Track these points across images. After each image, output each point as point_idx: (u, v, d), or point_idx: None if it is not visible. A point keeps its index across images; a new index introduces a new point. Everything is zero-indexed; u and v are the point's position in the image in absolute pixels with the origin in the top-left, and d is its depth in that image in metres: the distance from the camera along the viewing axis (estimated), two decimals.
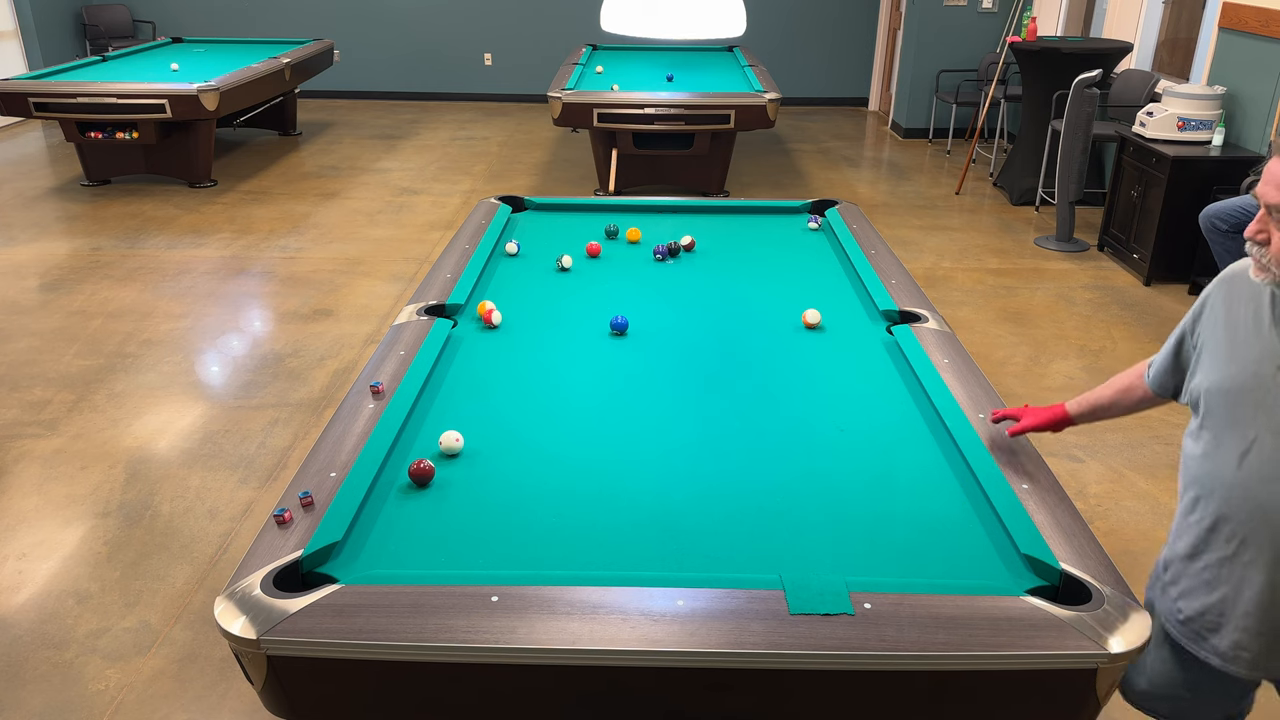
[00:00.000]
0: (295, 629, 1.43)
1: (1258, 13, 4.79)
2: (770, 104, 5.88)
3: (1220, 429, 1.49)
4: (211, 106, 6.09)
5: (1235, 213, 4.07)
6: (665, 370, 2.33)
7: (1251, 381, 1.43)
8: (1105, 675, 1.43)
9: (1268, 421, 1.42)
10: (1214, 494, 1.51)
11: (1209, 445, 1.51)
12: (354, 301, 4.75)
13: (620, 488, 1.84)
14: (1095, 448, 3.51)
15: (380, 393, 2.12)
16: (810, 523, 1.74)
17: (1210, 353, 1.52)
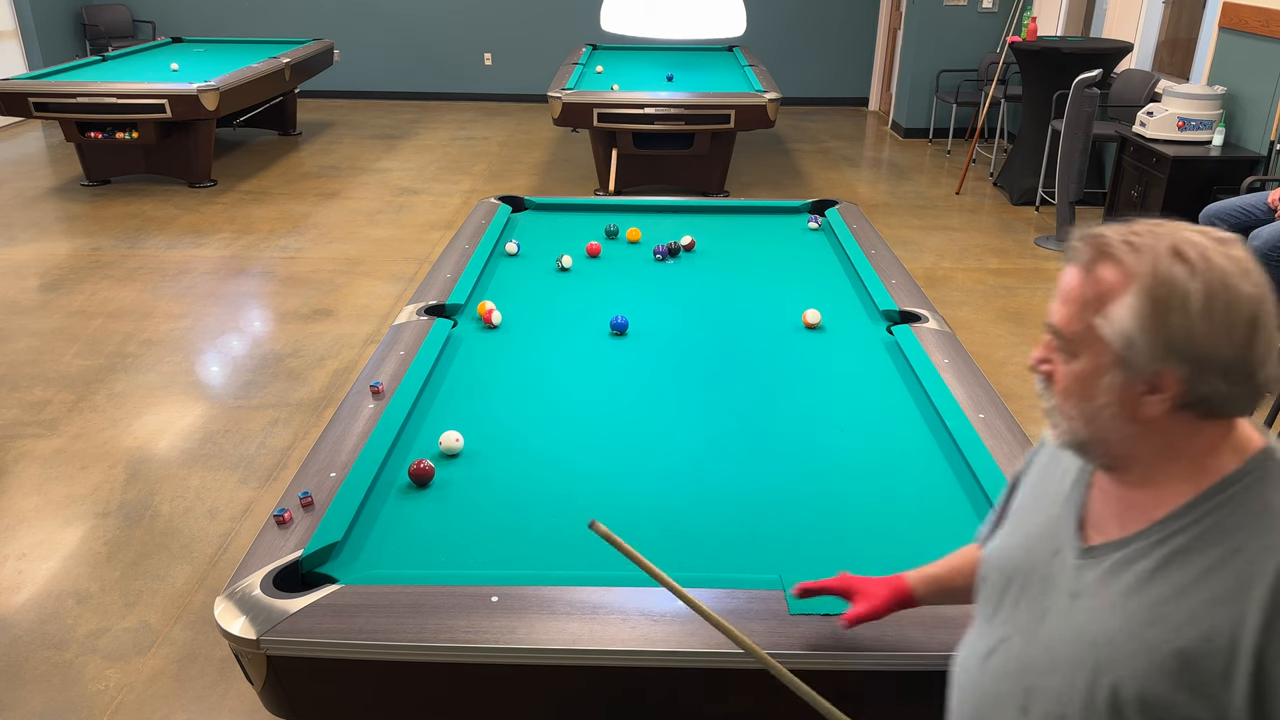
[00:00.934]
0: (295, 629, 1.43)
1: (1258, 12, 4.79)
2: (770, 104, 5.88)
3: (982, 612, 1.15)
4: (211, 106, 6.09)
5: (1235, 213, 4.07)
6: (665, 370, 2.33)
7: (1024, 564, 1.08)
8: None
9: (1025, 619, 1.05)
10: (955, 686, 1.20)
11: (970, 628, 1.19)
12: (354, 301, 4.75)
13: (620, 488, 1.84)
14: None
15: (380, 393, 2.12)
16: (810, 523, 1.74)
17: (1012, 516, 1.18)
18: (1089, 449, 0.98)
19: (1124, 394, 0.92)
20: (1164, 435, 0.94)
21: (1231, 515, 0.92)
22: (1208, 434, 0.94)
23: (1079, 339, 0.95)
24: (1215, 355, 0.88)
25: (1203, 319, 0.88)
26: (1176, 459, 0.95)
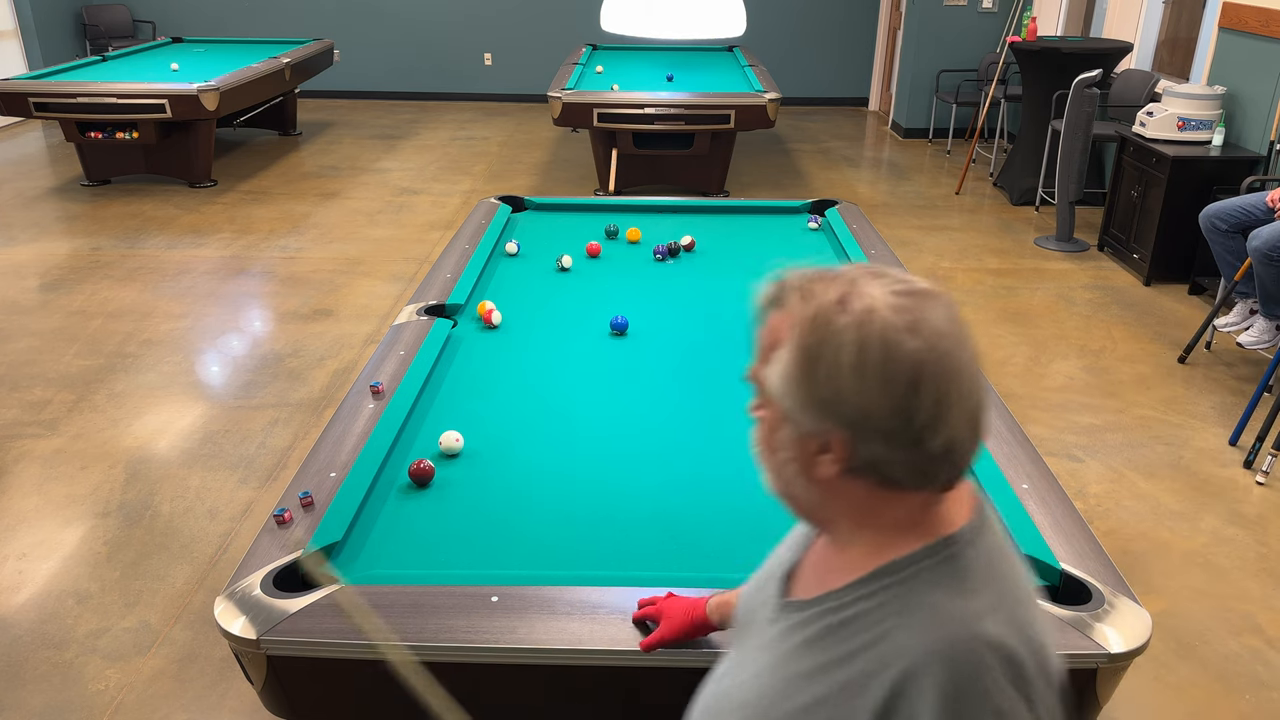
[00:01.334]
0: (295, 629, 1.43)
1: (1258, 12, 4.79)
2: (770, 104, 5.88)
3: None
4: (211, 106, 6.09)
5: (1236, 213, 4.07)
6: (665, 370, 2.33)
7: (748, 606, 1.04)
8: (1105, 675, 1.43)
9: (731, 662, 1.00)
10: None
11: None
12: (354, 301, 4.75)
13: (620, 488, 1.84)
14: (1095, 448, 3.51)
15: (380, 393, 2.12)
16: None
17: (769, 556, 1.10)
18: (785, 503, 0.91)
19: (799, 451, 0.85)
20: (846, 500, 0.86)
21: (890, 602, 0.83)
22: (903, 505, 0.85)
23: (760, 389, 0.88)
24: (870, 417, 0.79)
25: (853, 376, 0.79)
26: (864, 527, 0.87)
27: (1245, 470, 3.37)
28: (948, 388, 0.79)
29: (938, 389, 0.79)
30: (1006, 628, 0.80)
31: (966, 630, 0.79)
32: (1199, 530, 3.05)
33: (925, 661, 0.77)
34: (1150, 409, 3.79)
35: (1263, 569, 2.88)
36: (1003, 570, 0.86)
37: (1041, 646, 0.83)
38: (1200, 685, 2.45)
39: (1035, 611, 0.85)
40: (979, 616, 0.80)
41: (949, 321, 0.81)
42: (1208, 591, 2.78)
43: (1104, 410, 3.78)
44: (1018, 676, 0.78)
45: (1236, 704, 2.39)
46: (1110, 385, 3.98)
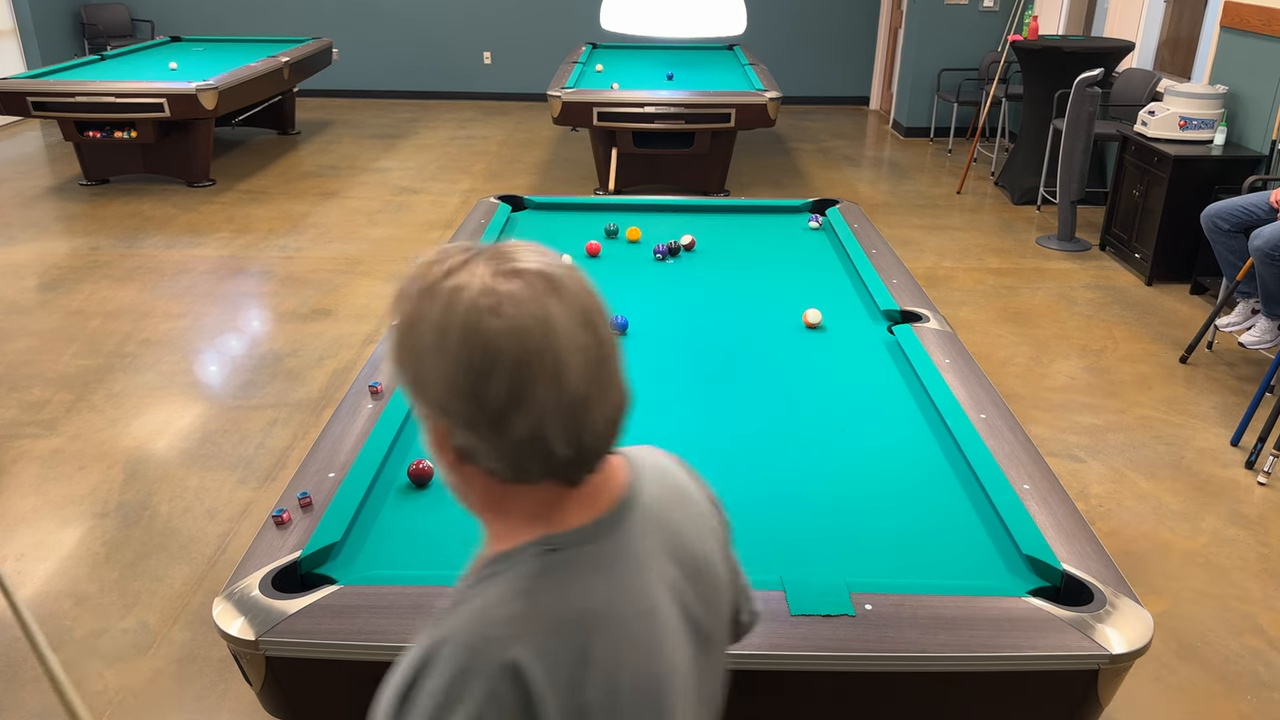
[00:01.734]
0: (294, 630, 1.42)
1: (1259, 12, 4.78)
2: (771, 103, 5.87)
3: None
4: (210, 106, 6.08)
5: (1237, 212, 4.06)
6: (665, 370, 2.32)
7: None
8: (1107, 676, 1.42)
9: None
10: None
11: None
12: (353, 301, 4.74)
13: None
14: (1097, 448, 3.50)
15: (379, 393, 2.11)
16: (811, 523, 1.73)
17: None
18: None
19: (429, 439, 0.82)
20: (476, 490, 0.84)
21: (476, 592, 0.81)
22: (522, 497, 0.83)
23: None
24: (451, 400, 0.76)
25: (434, 356, 0.76)
26: (495, 516, 0.85)
27: (1247, 471, 3.37)
28: (529, 375, 0.75)
29: (516, 375, 0.75)
30: (530, 644, 0.76)
31: (482, 635, 0.76)
32: (1200, 531, 3.04)
33: (435, 650, 0.76)
34: (1152, 409, 3.78)
35: (1264, 569, 2.87)
36: (594, 586, 0.81)
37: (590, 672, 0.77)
38: (1201, 686, 2.44)
39: (616, 633, 0.80)
40: (508, 623, 0.77)
41: (557, 307, 0.76)
42: (1209, 592, 2.77)
43: (1105, 410, 3.77)
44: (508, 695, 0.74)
45: (1238, 705, 2.38)
46: (1112, 385, 3.98)
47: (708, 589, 0.92)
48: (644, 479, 0.92)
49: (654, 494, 0.91)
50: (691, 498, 0.96)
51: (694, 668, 0.88)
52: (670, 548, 0.89)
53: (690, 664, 0.87)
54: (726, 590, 0.96)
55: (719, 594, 0.94)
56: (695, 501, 0.97)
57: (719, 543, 0.97)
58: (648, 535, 0.87)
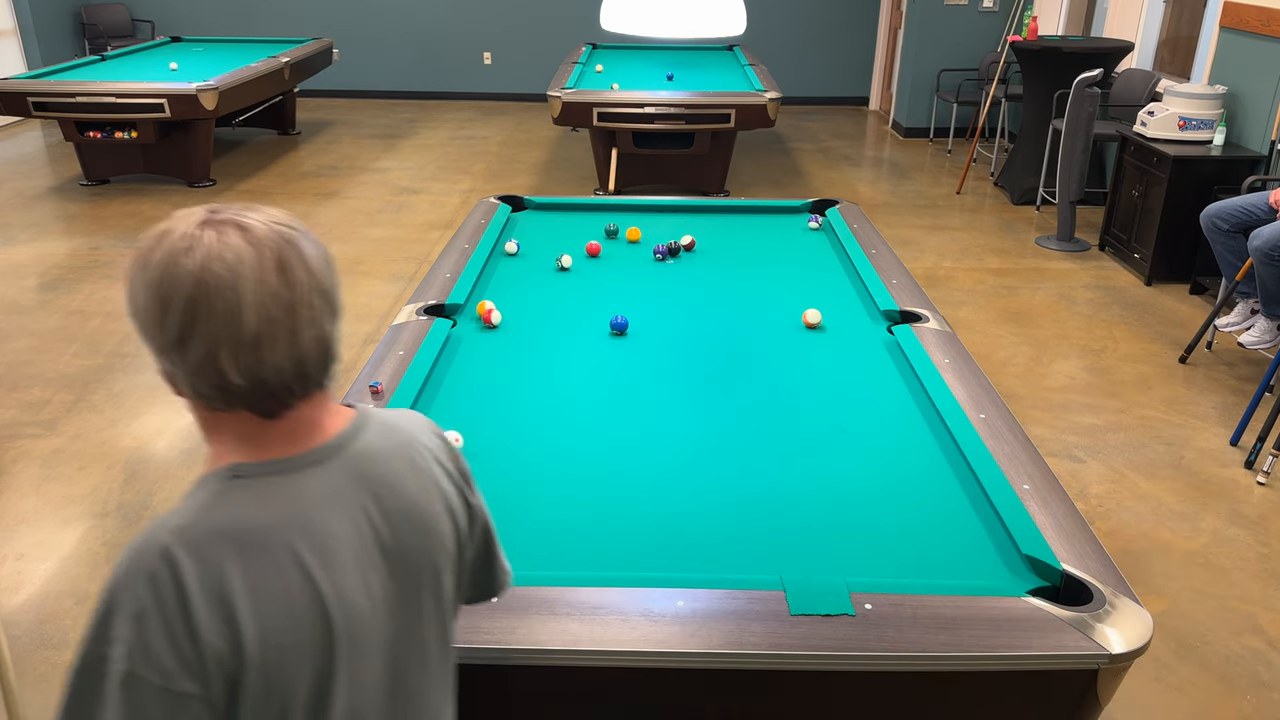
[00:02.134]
0: None
1: (1259, 12, 4.78)
2: (770, 103, 5.87)
3: None
4: (210, 106, 6.09)
5: (1236, 212, 4.07)
6: (665, 370, 2.32)
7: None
8: (1106, 676, 1.43)
9: None
10: None
11: None
12: (353, 301, 4.74)
13: (620, 488, 1.83)
14: (1096, 448, 3.51)
15: (379, 392, 2.12)
16: (811, 523, 1.73)
17: None
18: None
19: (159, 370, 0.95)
20: (194, 417, 0.97)
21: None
22: (224, 426, 0.95)
23: None
24: (149, 329, 0.90)
25: (139, 290, 0.90)
26: (210, 442, 0.98)
27: (1246, 470, 3.37)
28: (204, 306, 0.87)
29: (191, 304, 0.87)
30: (186, 548, 0.88)
31: (152, 535, 0.89)
32: (1200, 531, 3.05)
33: (127, 556, 0.89)
34: (1151, 409, 3.79)
35: (1264, 569, 2.87)
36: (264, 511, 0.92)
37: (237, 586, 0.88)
38: (1201, 686, 2.44)
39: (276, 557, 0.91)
40: (173, 530, 0.89)
41: (248, 253, 0.89)
42: (1209, 592, 2.78)
43: (1105, 410, 3.77)
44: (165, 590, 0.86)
45: (1237, 704, 2.38)
46: (1111, 385, 3.98)
47: (419, 538, 1.02)
48: (365, 431, 1.03)
49: (372, 445, 1.02)
50: (419, 458, 1.06)
51: (390, 605, 0.99)
52: (376, 495, 0.99)
53: (384, 600, 0.98)
54: (448, 545, 1.06)
55: (434, 545, 1.04)
56: (422, 461, 1.06)
57: (447, 503, 1.06)
58: (348, 479, 0.98)
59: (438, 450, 1.09)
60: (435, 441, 1.10)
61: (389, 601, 0.99)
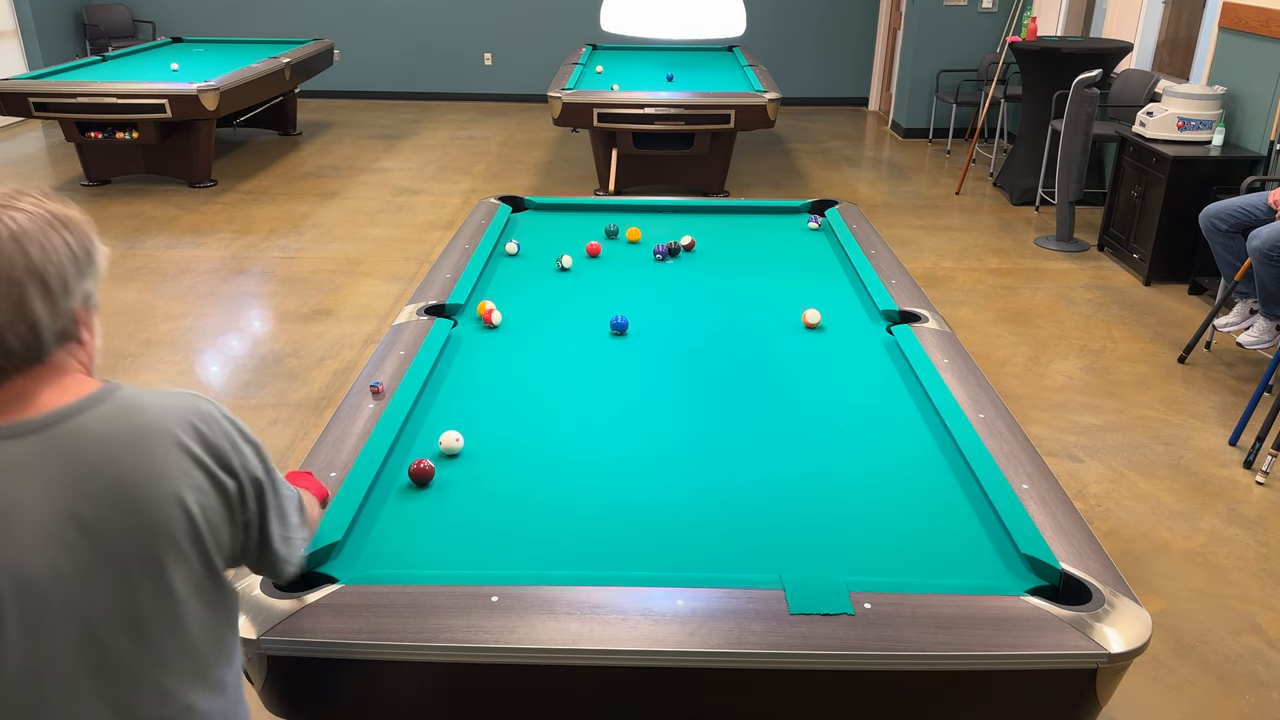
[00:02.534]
0: (295, 629, 1.43)
1: (1258, 12, 4.79)
2: (770, 104, 5.88)
3: None
4: (211, 106, 6.09)
5: (1236, 213, 4.07)
6: (665, 370, 2.33)
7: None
8: (1105, 675, 1.43)
9: None
10: None
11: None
12: (354, 301, 4.75)
13: (620, 488, 1.84)
14: (1095, 448, 3.51)
15: (380, 392, 2.12)
16: (810, 523, 1.74)
17: None
18: None
19: None
20: None
21: None
22: None
23: None
24: None
25: None
26: None
27: (1245, 470, 3.37)
28: None
29: None
30: None
31: None
32: (1199, 530, 3.05)
33: None
34: (1150, 409, 3.79)
35: (1263, 569, 2.88)
36: None
37: None
38: (1200, 685, 2.45)
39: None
40: None
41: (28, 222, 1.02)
42: (1208, 591, 2.78)
43: (1104, 410, 3.78)
44: None
45: (1237, 704, 2.39)
46: (1110, 385, 3.98)
47: (128, 520, 1.05)
48: (90, 412, 1.06)
49: (89, 427, 1.05)
50: (154, 445, 1.08)
51: (85, 577, 1.03)
52: (79, 474, 1.03)
53: (76, 573, 1.03)
54: (173, 531, 1.08)
55: (148, 529, 1.06)
56: (156, 448, 1.08)
57: (179, 490, 1.08)
58: (49, 454, 1.03)
59: (188, 438, 1.10)
60: (189, 429, 1.10)
61: (84, 574, 1.03)
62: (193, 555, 1.10)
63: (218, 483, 1.12)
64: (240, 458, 1.14)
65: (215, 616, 1.16)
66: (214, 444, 1.12)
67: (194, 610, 1.12)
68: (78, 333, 1.09)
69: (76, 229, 1.08)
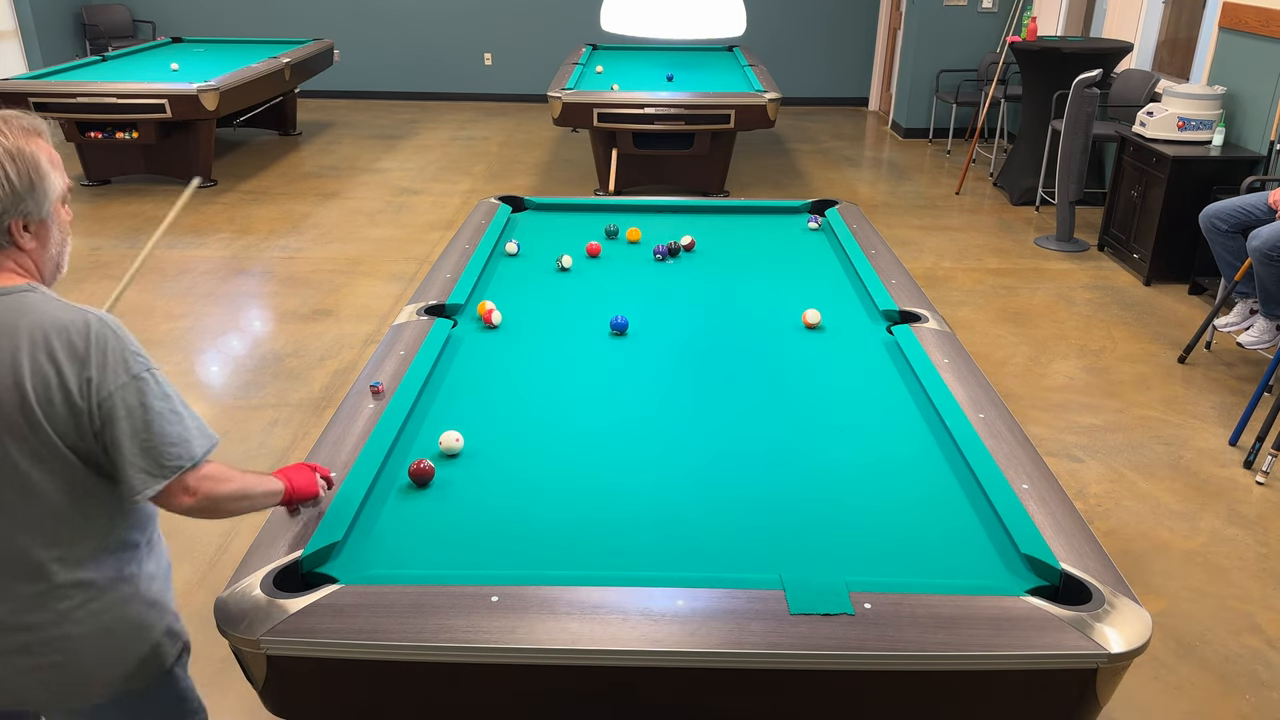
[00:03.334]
0: (296, 629, 1.43)
1: (1258, 12, 4.79)
2: (770, 104, 5.88)
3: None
4: (211, 106, 6.09)
5: (1235, 213, 4.07)
6: (665, 370, 2.33)
7: None
8: (1105, 675, 1.43)
9: None
10: None
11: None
12: (354, 301, 4.75)
13: (620, 488, 1.84)
14: (1095, 448, 3.51)
15: (380, 393, 2.12)
16: (810, 523, 1.74)
17: None
18: None
19: None
20: None
21: None
22: None
23: None
24: None
25: None
26: None
27: (1245, 470, 3.37)
28: None
29: None
30: None
31: None
32: (1199, 530, 3.05)
33: None
34: (1150, 409, 3.79)
35: (1263, 569, 2.88)
36: None
37: None
38: (1200, 685, 2.45)
39: None
40: None
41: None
42: (1208, 591, 2.78)
43: (1104, 410, 3.78)
44: None
45: (1236, 704, 2.39)
46: (1110, 385, 3.98)
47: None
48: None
49: None
50: (16, 341, 1.27)
51: None
52: None
53: None
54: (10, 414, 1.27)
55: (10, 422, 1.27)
56: (20, 343, 1.27)
57: (19, 380, 1.27)
58: None
59: (58, 342, 1.28)
60: (63, 336, 1.29)
61: None
62: (30, 435, 1.28)
63: (65, 385, 1.27)
64: (103, 375, 1.29)
65: (79, 498, 1.33)
66: (82, 355, 1.29)
67: (43, 482, 1.31)
68: (16, 240, 1.32)
69: (21, 162, 1.29)
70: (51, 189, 1.34)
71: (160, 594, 1.49)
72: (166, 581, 1.52)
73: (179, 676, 1.55)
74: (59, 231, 1.40)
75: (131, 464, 1.32)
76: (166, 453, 1.34)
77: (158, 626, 1.47)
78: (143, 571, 1.44)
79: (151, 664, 1.47)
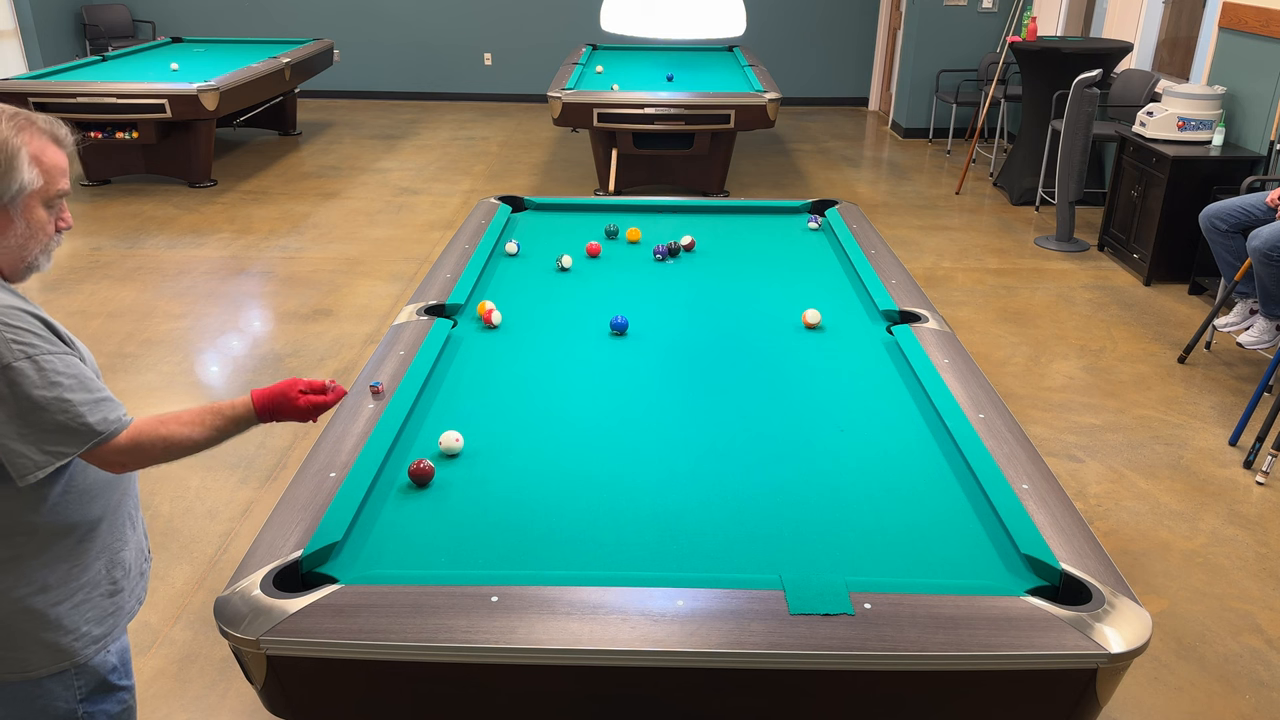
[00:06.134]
0: (295, 629, 1.43)
1: (1258, 12, 4.79)
2: (770, 104, 5.88)
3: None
4: (211, 106, 6.09)
5: (1235, 213, 4.07)
6: (665, 370, 2.33)
7: None
8: (1105, 675, 1.43)
9: None
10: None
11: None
12: (354, 301, 4.75)
13: (620, 488, 1.84)
14: (1095, 448, 3.51)
15: (380, 392, 2.12)
16: (810, 523, 1.74)
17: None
18: None
19: None
20: None
21: None
22: None
23: None
24: None
25: None
26: None
27: (1245, 470, 3.37)
28: None
29: None
30: None
31: None
32: (1199, 530, 3.05)
33: None
34: (1150, 409, 3.79)
35: (1263, 569, 2.88)
36: None
37: None
38: (1200, 685, 2.45)
39: None
40: None
41: None
42: (1208, 592, 2.78)
43: (1104, 410, 3.78)
44: None
45: (1237, 704, 2.39)
46: (1110, 385, 3.98)
47: None
48: None
49: None
50: None
51: None
52: None
53: None
54: None
55: None
56: None
57: None
58: None
59: None
60: None
61: None
62: None
63: None
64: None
65: None
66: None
67: None
68: None
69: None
70: (20, 180, 1.35)
71: (47, 608, 1.48)
72: (75, 605, 1.51)
73: (55, 694, 1.53)
74: (25, 226, 1.39)
75: (6, 449, 1.34)
76: (47, 438, 1.36)
77: (30, 634, 1.46)
78: (26, 576, 1.45)
79: (9, 661, 1.47)
